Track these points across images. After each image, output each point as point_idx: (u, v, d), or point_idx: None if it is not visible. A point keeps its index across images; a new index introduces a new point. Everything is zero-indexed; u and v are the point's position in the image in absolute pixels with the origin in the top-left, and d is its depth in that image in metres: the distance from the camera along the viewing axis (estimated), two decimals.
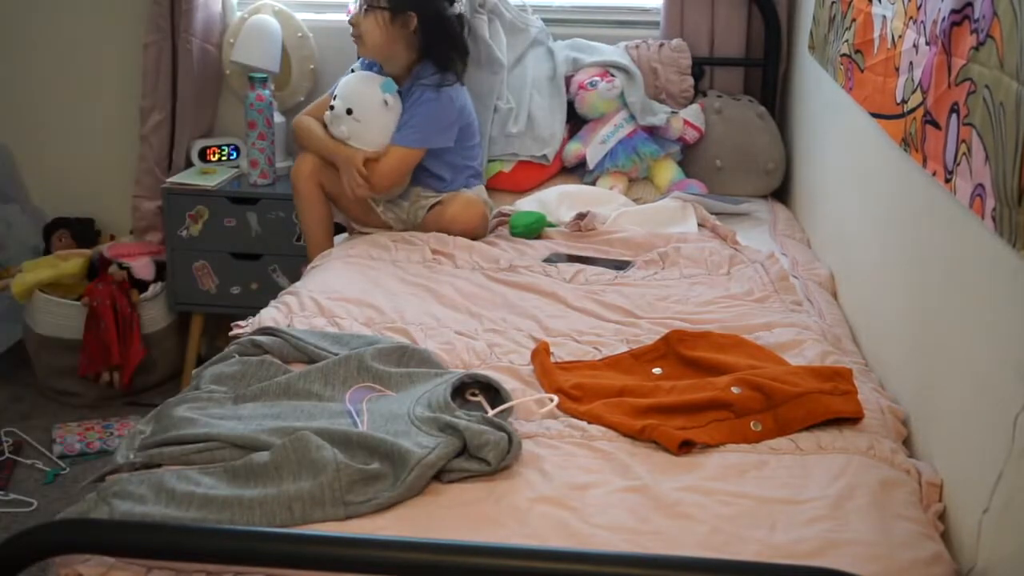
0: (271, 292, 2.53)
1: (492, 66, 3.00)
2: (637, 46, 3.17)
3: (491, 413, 1.66)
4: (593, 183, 3.01)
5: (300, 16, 3.36)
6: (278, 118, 3.26)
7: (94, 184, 3.55)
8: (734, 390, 1.74)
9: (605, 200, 2.84)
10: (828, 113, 2.62)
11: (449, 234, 2.62)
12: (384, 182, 2.65)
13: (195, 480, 1.51)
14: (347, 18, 2.72)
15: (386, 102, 2.63)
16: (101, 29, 3.45)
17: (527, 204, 2.86)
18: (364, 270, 2.40)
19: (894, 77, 1.89)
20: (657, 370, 1.92)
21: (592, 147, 2.99)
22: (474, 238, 2.64)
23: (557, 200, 2.83)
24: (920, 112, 1.72)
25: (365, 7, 2.61)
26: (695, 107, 3.09)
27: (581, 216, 2.67)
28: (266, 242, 3.18)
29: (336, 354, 1.87)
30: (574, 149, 3.03)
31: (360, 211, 2.76)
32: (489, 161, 3.00)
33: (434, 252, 2.52)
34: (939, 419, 1.65)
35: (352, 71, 2.79)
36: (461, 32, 2.76)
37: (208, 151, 3.34)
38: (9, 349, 3.42)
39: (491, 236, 2.70)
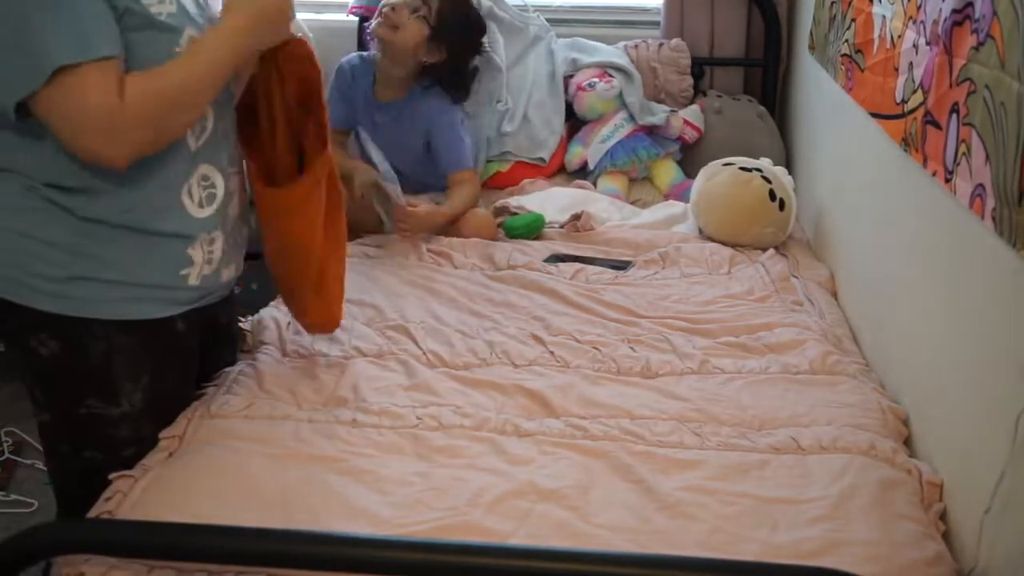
0: (271, 292, 2.52)
1: (491, 71, 3.00)
2: (636, 46, 3.16)
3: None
4: (594, 183, 3.00)
5: (300, 16, 3.35)
6: None
7: None
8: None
9: (607, 206, 2.82)
10: (828, 113, 2.61)
11: None
12: (472, 204, 2.73)
13: None
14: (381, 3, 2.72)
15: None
16: None
17: (529, 203, 2.85)
18: (363, 270, 2.40)
19: (893, 77, 1.89)
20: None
21: (592, 147, 2.98)
22: None
23: (558, 203, 2.81)
24: (920, 112, 1.71)
25: (414, 12, 2.66)
26: (694, 107, 3.08)
27: (576, 217, 2.67)
28: None
29: None
30: (577, 152, 3.01)
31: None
32: (487, 162, 2.99)
33: (433, 252, 2.52)
34: (940, 419, 1.65)
35: (346, 66, 2.85)
36: (471, 81, 2.84)
37: None
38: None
39: None
